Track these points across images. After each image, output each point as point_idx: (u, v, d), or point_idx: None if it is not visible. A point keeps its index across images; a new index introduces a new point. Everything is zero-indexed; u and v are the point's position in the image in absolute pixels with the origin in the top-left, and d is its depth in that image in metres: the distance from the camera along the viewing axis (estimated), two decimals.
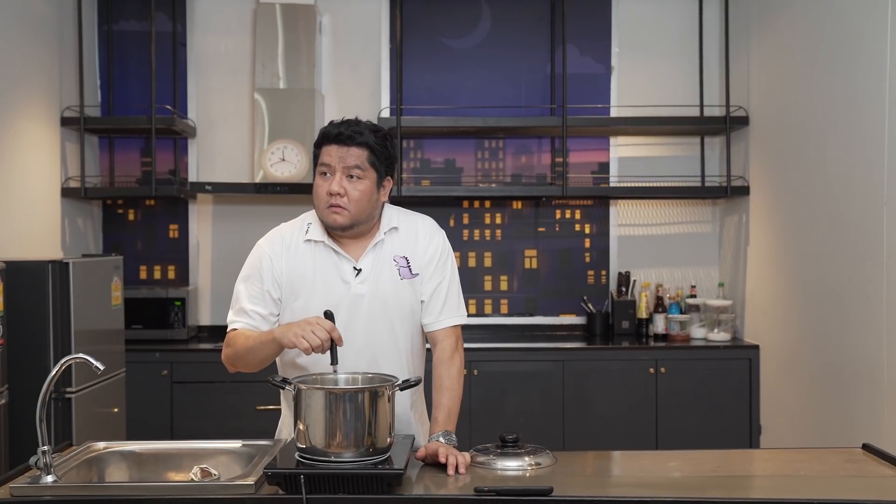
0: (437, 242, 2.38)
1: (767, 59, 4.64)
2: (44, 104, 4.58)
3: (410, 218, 2.41)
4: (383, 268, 2.32)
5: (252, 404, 4.58)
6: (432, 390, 2.32)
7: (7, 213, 4.15)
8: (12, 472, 2.05)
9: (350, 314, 2.28)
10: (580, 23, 5.24)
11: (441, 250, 2.38)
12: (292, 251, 2.32)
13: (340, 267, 2.31)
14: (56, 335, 3.71)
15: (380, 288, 2.31)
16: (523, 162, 5.35)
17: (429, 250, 2.36)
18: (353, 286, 2.29)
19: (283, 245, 2.33)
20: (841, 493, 1.89)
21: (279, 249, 2.33)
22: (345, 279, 2.30)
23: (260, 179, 4.87)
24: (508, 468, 2.09)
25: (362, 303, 2.29)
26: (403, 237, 2.36)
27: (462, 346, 2.40)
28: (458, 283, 2.42)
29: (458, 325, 2.39)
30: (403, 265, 2.33)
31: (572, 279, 5.34)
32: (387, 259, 2.33)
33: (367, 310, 2.29)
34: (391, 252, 2.34)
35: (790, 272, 4.34)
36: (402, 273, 2.33)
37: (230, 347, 2.29)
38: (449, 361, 2.33)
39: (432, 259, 2.36)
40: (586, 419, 4.72)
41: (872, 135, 3.50)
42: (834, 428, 3.82)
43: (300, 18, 5.00)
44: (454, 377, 2.32)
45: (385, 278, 2.31)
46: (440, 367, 2.34)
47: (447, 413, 2.26)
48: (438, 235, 2.40)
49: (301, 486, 1.86)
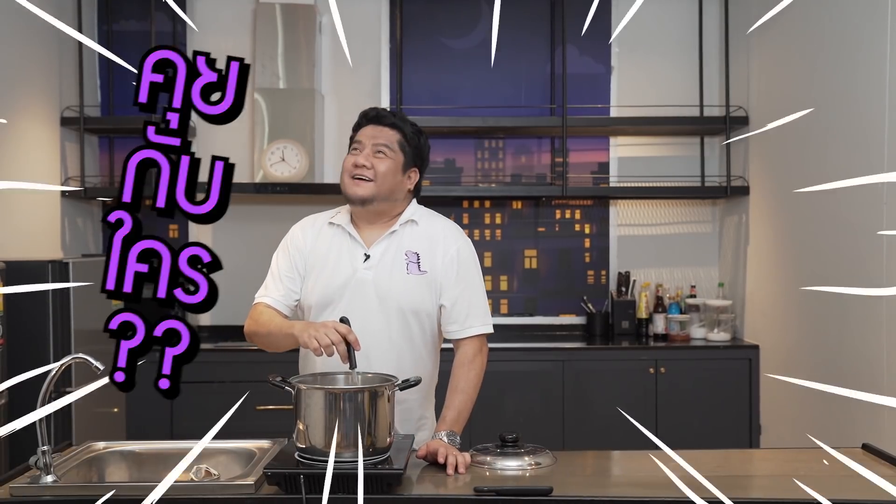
0: (458, 247, 2.39)
1: (767, 59, 4.64)
2: (43, 104, 4.58)
3: (432, 218, 2.45)
4: (393, 259, 2.34)
5: (252, 404, 4.58)
6: (447, 391, 2.34)
7: (7, 213, 4.14)
8: (12, 472, 2.05)
9: (350, 299, 2.32)
10: (580, 23, 5.24)
11: (465, 256, 2.40)
12: (317, 230, 2.43)
13: (352, 251, 2.36)
14: (56, 335, 3.71)
15: (384, 278, 2.33)
16: (523, 162, 5.35)
17: (448, 254, 2.37)
18: (360, 271, 2.33)
19: (313, 226, 2.45)
20: (841, 493, 1.89)
21: (308, 229, 2.44)
22: (353, 263, 2.34)
23: (259, 179, 4.87)
24: (508, 468, 2.09)
25: (364, 289, 2.32)
26: (420, 234, 2.38)
27: (486, 352, 2.41)
28: (484, 291, 2.43)
29: (484, 334, 2.40)
30: (413, 261, 2.35)
31: (572, 279, 5.34)
32: (399, 251, 2.35)
33: (366, 297, 2.31)
34: (405, 245, 2.36)
35: (790, 272, 4.34)
36: (409, 268, 2.34)
37: (253, 322, 2.36)
38: (469, 365, 2.35)
39: (453, 263, 2.37)
40: (586, 419, 4.72)
41: (872, 134, 3.50)
42: (834, 428, 3.83)
43: (300, 18, 5.00)
44: (471, 381, 2.33)
45: (392, 269, 2.33)
46: (459, 370, 2.35)
47: (456, 414, 2.27)
48: (461, 240, 2.42)
49: (301, 486, 1.86)
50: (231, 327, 5.21)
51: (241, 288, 5.26)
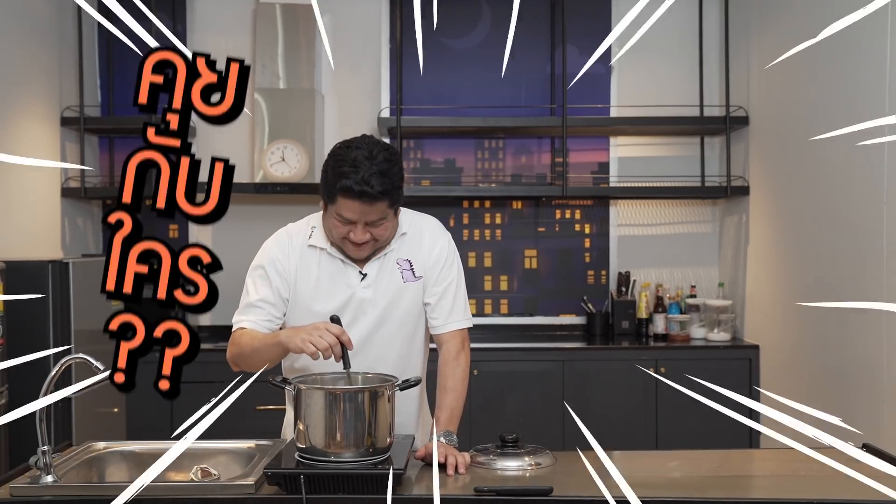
0: (441, 244, 2.37)
1: (767, 59, 4.63)
2: (44, 104, 4.58)
3: (416, 220, 2.41)
4: (388, 271, 2.32)
5: (252, 404, 4.58)
6: (436, 390, 2.32)
7: (7, 212, 4.14)
8: (12, 472, 2.05)
9: (353, 317, 2.28)
10: (580, 22, 5.24)
11: (447, 253, 2.37)
12: (298, 252, 2.32)
13: (345, 272, 2.30)
14: (56, 335, 3.71)
15: (384, 291, 2.30)
16: (523, 162, 5.34)
17: (433, 252, 2.35)
18: (358, 290, 2.29)
19: (290, 245, 2.33)
20: (841, 494, 1.89)
21: (286, 249, 2.32)
22: (349, 283, 2.29)
23: (260, 179, 4.87)
24: (508, 468, 2.09)
25: (366, 306, 2.29)
26: (409, 240, 2.35)
27: (468, 347, 2.39)
28: (464, 286, 2.41)
29: (466, 328, 2.39)
30: (407, 268, 2.33)
31: (572, 279, 5.34)
32: (391, 262, 2.32)
33: (369, 313, 2.29)
34: (396, 255, 2.33)
35: (790, 272, 4.34)
36: (405, 276, 2.32)
37: (235, 346, 2.28)
38: (454, 362, 2.32)
39: (437, 261, 2.35)
40: (586, 419, 4.67)
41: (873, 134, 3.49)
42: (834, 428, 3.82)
43: (300, 18, 5.00)
44: (458, 378, 2.31)
45: (389, 282, 2.31)
46: (445, 368, 2.33)
47: (450, 413, 2.26)
48: (443, 237, 2.39)
49: (301, 486, 1.86)
50: (231, 327, 5.20)
51: (241, 287, 5.27)
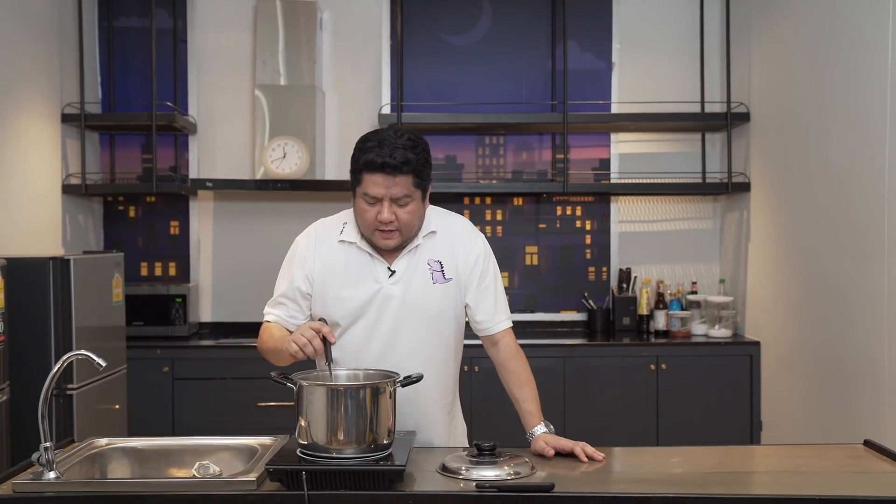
0: (478, 247, 2.42)
1: (768, 55, 4.63)
2: (44, 101, 4.58)
3: (448, 220, 2.43)
4: (417, 270, 2.32)
5: (253, 401, 4.59)
6: (510, 386, 2.39)
7: (8, 209, 4.15)
8: (14, 469, 2.05)
9: (378, 314, 2.30)
10: (581, 19, 5.24)
11: (484, 254, 2.42)
12: (325, 248, 2.35)
13: (373, 267, 2.32)
14: (57, 332, 3.72)
15: (411, 290, 2.31)
16: (524, 158, 5.34)
17: (470, 256, 2.39)
18: (385, 286, 2.30)
19: (318, 241, 2.36)
20: (842, 490, 1.89)
21: (313, 246, 2.36)
22: (377, 279, 2.31)
23: (261, 176, 4.87)
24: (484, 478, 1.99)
25: (392, 304, 2.30)
26: (440, 241, 2.37)
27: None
28: (503, 285, 2.48)
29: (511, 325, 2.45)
30: (437, 269, 2.34)
31: (573, 276, 5.34)
32: (421, 262, 2.33)
33: (396, 311, 2.30)
34: (426, 255, 2.34)
35: (791, 268, 4.34)
36: (434, 277, 2.34)
37: (261, 342, 2.37)
38: (517, 356, 2.41)
39: (476, 264, 2.39)
40: (587, 415, 4.72)
41: (873, 131, 3.50)
42: (835, 424, 3.83)
43: (301, 14, 5.00)
44: (528, 370, 2.41)
45: (418, 281, 2.32)
46: (512, 363, 2.40)
47: (537, 405, 2.35)
48: (478, 239, 2.44)
49: (303, 483, 1.86)
50: (232, 324, 5.21)
51: (242, 284, 5.29)
